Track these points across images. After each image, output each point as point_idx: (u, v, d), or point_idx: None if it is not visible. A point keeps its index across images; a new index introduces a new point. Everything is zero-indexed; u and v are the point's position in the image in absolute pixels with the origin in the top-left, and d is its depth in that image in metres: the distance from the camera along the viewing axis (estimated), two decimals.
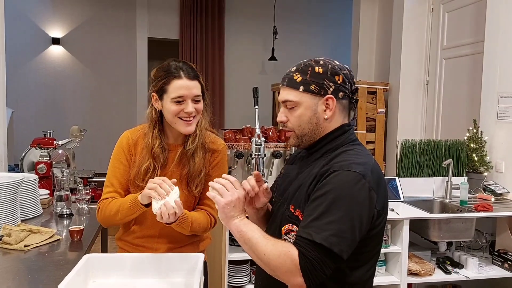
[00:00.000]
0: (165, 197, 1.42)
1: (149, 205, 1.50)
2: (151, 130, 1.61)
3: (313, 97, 1.25)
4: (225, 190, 1.23)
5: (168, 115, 1.57)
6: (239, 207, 1.23)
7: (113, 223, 1.64)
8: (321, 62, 1.26)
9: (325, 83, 1.24)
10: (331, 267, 1.12)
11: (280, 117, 1.31)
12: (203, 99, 1.62)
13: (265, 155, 2.74)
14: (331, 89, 1.24)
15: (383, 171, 4.47)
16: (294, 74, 1.27)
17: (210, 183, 1.26)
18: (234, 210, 1.22)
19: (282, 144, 2.90)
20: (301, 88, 1.25)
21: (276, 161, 2.88)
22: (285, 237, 1.23)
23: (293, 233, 1.21)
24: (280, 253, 1.13)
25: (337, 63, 1.29)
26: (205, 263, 1.80)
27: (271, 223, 1.36)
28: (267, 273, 1.19)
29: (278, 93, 1.35)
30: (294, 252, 1.12)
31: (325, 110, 1.26)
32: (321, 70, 1.25)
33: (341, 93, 1.26)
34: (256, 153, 2.70)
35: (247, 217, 1.30)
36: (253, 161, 2.72)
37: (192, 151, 1.61)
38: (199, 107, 1.59)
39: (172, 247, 1.66)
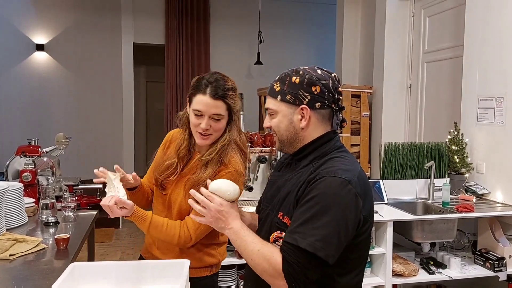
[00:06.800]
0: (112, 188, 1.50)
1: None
2: (184, 131, 1.70)
3: (289, 106, 1.28)
4: (203, 210, 1.28)
5: (190, 122, 1.63)
6: (222, 217, 1.27)
7: None
8: (301, 72, 1.28)
9: (300, 93, 1.26)
10: (316, 271, 1.15)
11: (265, 123, 1.37)
12: (230, 118, 1.62)
13: (250, 160, 2.78)
14: (306, 100, 1.26)
15: (368, 173, 4.56)
16: (275, 84, 1.32)
17: (192, 204, 1.30)
18: (219, 223, 1.28)
19: (267, 149, 2.93)
20: (279, 97, 1.29)
21: (261, 165, 2.91)
22: (274, 244, 1.25)
23: (281, 240, 1.23)
24: (265, 258, 1.18)
25: (320, 72, 1.29)
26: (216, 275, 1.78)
27: (259, 230, 1.38)
28: (256, 277, 1.23)
29: (265, 97, 1.40)
30: (278, 257, 1.16)
31: (300, 120, 1.28)
32: (297, 81, 1.27)
33: (318, 104, 1.27)
34: None
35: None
36: None
37: (206, 161, 1.62)
38: (217, 126, 1.59)
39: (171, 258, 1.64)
